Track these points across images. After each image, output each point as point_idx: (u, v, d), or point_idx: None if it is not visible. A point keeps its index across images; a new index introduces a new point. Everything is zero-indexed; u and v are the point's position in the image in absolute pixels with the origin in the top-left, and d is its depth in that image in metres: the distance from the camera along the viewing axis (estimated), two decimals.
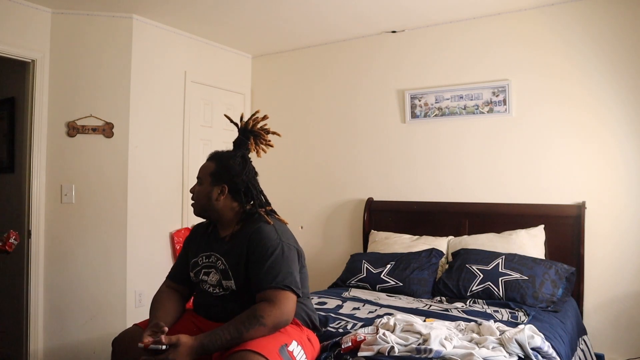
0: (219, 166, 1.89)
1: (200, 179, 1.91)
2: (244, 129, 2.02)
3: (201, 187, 1.90)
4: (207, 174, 1.89)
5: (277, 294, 1.65)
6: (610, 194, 2.95)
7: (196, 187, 1.92)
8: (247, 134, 2.01)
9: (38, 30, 3.17)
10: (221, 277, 1.81)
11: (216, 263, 1.84)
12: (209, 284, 1.85)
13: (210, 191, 1.87)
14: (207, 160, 1.95)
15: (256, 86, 4.37)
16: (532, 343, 1.76)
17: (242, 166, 1.91)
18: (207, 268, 1.86)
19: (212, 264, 1.86)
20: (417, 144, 3.59)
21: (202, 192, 1.89)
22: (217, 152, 1.96)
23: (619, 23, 2.93)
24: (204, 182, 1.89)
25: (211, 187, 1.87)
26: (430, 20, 3.44)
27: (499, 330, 1.86)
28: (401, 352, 1.70)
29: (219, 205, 1.87)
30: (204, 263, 1.89)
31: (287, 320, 1.66)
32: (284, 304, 1.64)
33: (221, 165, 1.89)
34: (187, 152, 3.74)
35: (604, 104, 2.97)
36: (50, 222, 3.22)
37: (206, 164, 1.93)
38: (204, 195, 1.88)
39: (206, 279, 1.86)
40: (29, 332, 3.12)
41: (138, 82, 3.37)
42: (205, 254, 1.90)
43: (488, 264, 2.81)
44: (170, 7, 3.25)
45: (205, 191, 1.88)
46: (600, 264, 2.95)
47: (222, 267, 1.82)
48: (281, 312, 1.62)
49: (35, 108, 3.16)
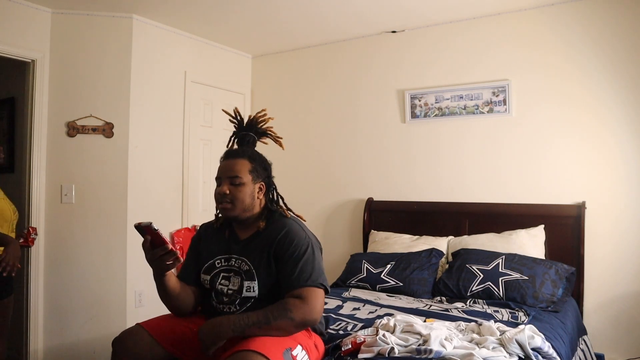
0: (256, 163, 1.83)
1: (240, 179, 1.78)
2: (250, 126, 1.97)
3: (244, 187, 1.78)
4: (246, 172, 1.80)
5: (308, 291, 1.65)
6: (610, 194, 2.95)
7: (233, 188, 1.78)
8: (256, 132, 1.97)
9: (38, 30, 3.17)
10: (244, 278, 1.76)
11: (239, 265, 1.79)
12: (226, 295, 1.78)
13: (253, 191, 1.80)
14: (232, 159, 1.83)
15: (256, 86, 4.37)
16: (532, 343, 1.76)
17: (269, 163, 1.90)
18: (227, 272, 1.80)
19: (232, 267, 1.80)
20: (417, 144, 3.59)
21: (246, 192, 1.78)
22: (238, 151, 1.88)
23: (619, 23, 2.93)
24: (245, 181, 1.79)
25: (253, 185, 1.81)
26: (430, 20, 3.44)
27: (499, 331, 1.86)
28: (401, 352, 1.70)
29: (257, 204, 1.82)
30: (222, 266, 1.82)
31: (316, 319, 1.65)
32: (315, 301, 1.64)
33: (258, 163, 1.84)
34: (187, 152, 3.74)
35: (604, 104, 2.97)
36: (50, 222, 3.22)
37: (238, 163, 1.81)
38: (250, 195, 1.79)
39: (226, 285, 1.79)
40: (29, 332, 3.12)
41: (138, 82, 3.37)
42: (223, 256, 1.84)
43: (488, 264, 2.81)
44: (170, 7, 3.25)
45: (249, 191, 1.79)
46: (600, 264, 2.95)
47: (246, 268, 1.77)
48: (310, 309, 1.62)
49: (35, 108, 3.15)
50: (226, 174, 1.80)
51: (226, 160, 1.85)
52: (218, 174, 1.84)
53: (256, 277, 1.74)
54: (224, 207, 1.79)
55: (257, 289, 1.74)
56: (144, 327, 1.76)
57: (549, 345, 1.82)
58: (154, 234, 1.60)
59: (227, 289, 1.78)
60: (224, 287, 1.79)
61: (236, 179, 1.78)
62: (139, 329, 1.76)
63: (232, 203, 1.78)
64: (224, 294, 1.79)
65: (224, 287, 1.79)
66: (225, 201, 1.78)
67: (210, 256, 1.87)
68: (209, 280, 1.84)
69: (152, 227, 1.57)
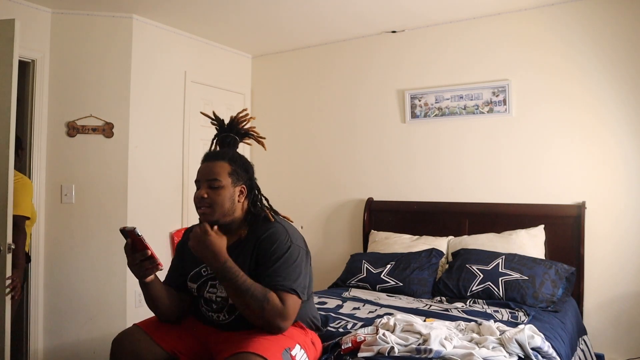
0: (237, 166, 1.77)
1: (219, 182, 1.72)
2: (231, 127, 1.92)
3: (223, 190, 1.72)
4: (225, 175, 1.73)
5: (284, 296, 1.61)
6: (610, 194, 2.95)
7: (212, 192, 1.72)
8: (238, 133, 1.93)
9: (38, 30, 3.17)
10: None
11: None
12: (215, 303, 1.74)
13: (233, 193, 1.74)
14: (212, 161, 1.77)
15: (256, 86, 4.37)
16: (532, 343, 1.76)
17: (251, 165, 1.85)
18: (213, 279, 1.75)
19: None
20: (417, 144, 3.59)
21: (226, 195, 1.72)
22: (219, 153, 1.83)
23: (619, 23, 2.93)
24: (225, 185, 1.72)
25: (233, 188, 1.74)
26: (430, 20, 3.44)
27: (499, 330, 1.86)
28: (401, 352, 1.70)
29: (239, 208, 1.76)
30: (208, 274, 1.77)
31: (283, 325, 1.60)
32: (289, 308, 1.61)
33: (238, 165, 1.78)
34: (187, 152, 3.74)
35: (604, 103, 2.97)
36: (50, 222, 3.22)
37: (218, 165, 1.75)
38: (229, 199, 1.73)
39: (214, 292, 1.74)
40: (29, 332, 3.12)
41: (138, 82, 3.37)
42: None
43: (488, 264, 2.81)
44: (170, 7, 3.25)
45: (228, 194, 1.72)
46: (600, 264, 2.95)
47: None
48: (282, 314, 1.59)
49: (35, 108, 3.15)
50: (205, 177, 1.74)
51: (205, 162, 1.78)
52: (197, 177, 1.77)
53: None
54: (203, 211, 1.72)
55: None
56: (141, 327, 1.75)
57: (548, 345, 1.82)
58: (136, 239, 1.60)
59: (215, 296, 1.74)
60: (212, 294, 1.75)
61: (214, 182, 1.72)
62: (136, 329, 1.74)
63: (211, 207, 1.71)
64: (212, 301, 1.75)
65: (212, 295, 1.75)
66: (204, 205, 1.72)
67: (194, 264, 1.81)
68: (195, 288, 1.80)
69: (136, 232, 1.57)
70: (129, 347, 1.69)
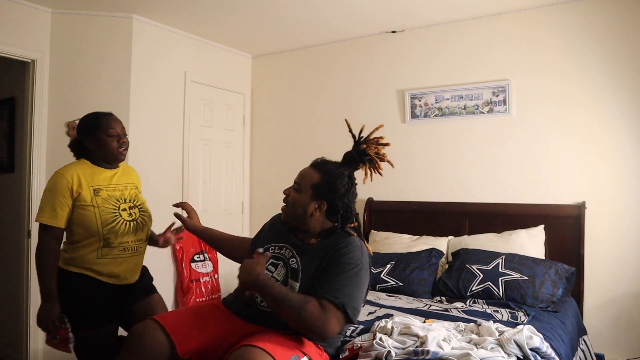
0: (324, 181, 1.75)
1: (300, 187, 1.77)
2: (358, 144, 1.90)
3: (299, 196, 1.76)
4: (308, 184, 1.75)
5: (330, 307, 1.56)
6: (610, 194, 2.95)
7: (293, 192, 1.78)
8: (361, 153, 1.88)
9: (38, 30, 3.17)
10: (289, 274, 1.72)
11: (289, 258, 1.75)
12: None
13: (307, 204, 1.75)
14: (310, 167, 1.80)
15: (256, 86, 4.37)
16: (530, 344, 1.76)
17: (348, 188, 1.77)
18: (276, 259, 1.77)
19: (283, 256, 1.77)
20: (417, 144, 3.59)
21: (299, 202, 1.76)
22: (324, 162, 1.82)
23: (619, 23, 2.93)
24: (303, 192, 1.75)
25: (310, 200, 1.74)
26: (430, 20, 3.44)
27: (497, 331, 1.86)
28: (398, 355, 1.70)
29: (312, 221, 1.76)
30: (274, 253, 1.79)
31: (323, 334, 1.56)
32: (331, 320, 1.55)
33: (326, 181, 1.75)
34: (187, 152, 3.74)
35: (604, 103, 2.97)
36: None
37: (309, 172, 1.78)
38: (300, 206, 1.75)
39: (271, 271, 1.74)
40: (29, 332, 3.12)
41: (138, 82, 3.37)
42: (277, 244, 1.80)
43: (488, 264, 2.81)
44: (170, 7, 3.25)
45: (302, 202, 1.75)
46: (600, 264, 2.95)
47: (294, 266, 1.72)
48: (323, 323, 1.54)
49: (35, 108, 3.16)
50: (297, 177, 1.82)
51: (308, 166, 1.84)
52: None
53: (299, 280, 1.69)
54: (283, 207, 1.84)
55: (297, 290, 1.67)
56: (162, 324, 1.66)
57: (547, 345, 1.82)
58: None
59: (271, 275, 1.74)
60: (269, 272, 1.75)
61: (296, 184, 1.80)
62: (155, 325, 1.66)
63: (287, 206, 1.81)
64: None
65: (269, 273, 1.74)
66: (284, 202, 1.83)
67: (267, 241, 1.86)
68: None
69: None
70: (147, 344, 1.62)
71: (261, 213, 4.29)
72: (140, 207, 2.16)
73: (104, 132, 2.04)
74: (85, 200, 1.97)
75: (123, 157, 2.11)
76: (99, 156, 2.08)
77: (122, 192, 2.11)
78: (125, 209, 2.07)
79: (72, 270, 1.99)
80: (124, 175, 2.16)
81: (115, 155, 2.07)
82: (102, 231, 1.98)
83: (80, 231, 1.99)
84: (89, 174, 2.03)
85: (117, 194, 2.08)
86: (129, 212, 2.08)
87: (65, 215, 1.97)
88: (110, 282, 2.03)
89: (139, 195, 2.20)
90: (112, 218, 2.01)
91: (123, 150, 2.09)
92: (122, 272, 2.06)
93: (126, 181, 2.16)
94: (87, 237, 1.99)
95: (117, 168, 2.15)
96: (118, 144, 2.06)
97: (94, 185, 2.02)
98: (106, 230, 1.99)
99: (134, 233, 2.08)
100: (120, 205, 2.06)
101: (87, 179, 2.01)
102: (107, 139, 2.04)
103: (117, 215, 2.03)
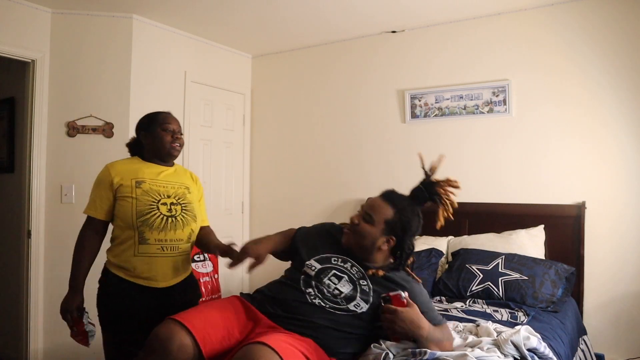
0: (398, 218, 1.75)
1: (372, 219, 1.75)
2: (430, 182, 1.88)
3: (370, 229, 1.75)
4: (382, 218, 1.75)
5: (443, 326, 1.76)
6: (610, 194, 2.95)
7: (364, 223, 1.76)
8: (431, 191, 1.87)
9: (38, 30, 3.17)
10: (357, 293, 1.71)
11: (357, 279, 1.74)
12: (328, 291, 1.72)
13: (377, 238, 1.75)
14: (383, 199, 1.79)
15: (256, 86, 4.37)
16: (527, 344, 1.75)
17: (417, 227, 1.81)
18: (340, 272, 1.75)
19: (348, 272, 1.76)
20: (417, 144, 3.59)
21: (370, 234, 1.75)
22: (396, 197, 1.81)
23: (619, 23, 2.93)
24: (376, 225, 1.75)
25: (381, 234, 1.74)
26: (430, 20, 3.44)
27: (496, 332, 1.86)
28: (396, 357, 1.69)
29: (377, 253, 1.77)
30: (337, 265, 1.77)
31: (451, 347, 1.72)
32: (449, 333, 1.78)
33: (400, 219, 1.75)
34: (187, 152, 3.74)
35: (604, 103, 2.97)
36: (50, 222, 3.22)
37: (382, 205, 1.77)
38: (370, 238, 1.75)
39: (334, 283, 1.73)
40: (29, 332, 3.12)
41: (138, 82, 3.37)
42: (340, 256, 1.80)
43: (488, 264, 2.81)
44: (170, 7, 3.25)
45: (373, 235, 1.75)
46: (600, 264, 2.95)
47: (365, 288, 1.73)
48: (449, 338, 1.74)
49: (35, 108, 3.16)
50: (367, 207, 1.80)
51: (380, 196, 1.82)
52: (365, 202, 1.85)
53: (370, 302, 1.71)
54: (346, 232, 1.80)
55: (364, 311, 1.70)
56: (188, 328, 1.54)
57: (545, 345, 1.81)
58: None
59: (334, 287, 1.73)
60: (331, 283, 1.74)
61: (368, 216, 1.76)
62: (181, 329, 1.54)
63: (352, 232, 1.78)
64: (328, 288, 1.73)
65: (331, 284, 1.73)
66: (350, 228, 1.79)
67: (322, 248, 1.83)
68: (318, 269, 1.78)
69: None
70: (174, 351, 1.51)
71: (261, 213, 4.30)
72: (185, 205, 2.03)
73: (160, 125, 2.03)
74: (125, 192, 1.95)
75: (176, 153, 2.06)
76: (152, 152, 2.05)
77: (166, 188, 2.02)
78: (166, 204, 1.98)
79: (112, 271, 1.97)
80: (175, 175, 2.10)
81: (167, 149, 2.03)
82: (136, 222, 1.92)
83: (119, 223, 1.98)
84: (135, 168, 2.02)
85: (161, 189, 2.00)
86: (169, 208, 1.98)
87: (104, 208, 1.98)
88: (147, 284, 1.94)
89: (188, 196, 2.07)
90: (148, 210, 1.93)
91: (177, 145, 2.04)
92: (159, 272, 1.96)
93: (176, 180, 2.08)
94: (124, 229, 1.96)
95: (169, 166, 2.09)
96: (172, 139, 2.03)
97: (137, 178, 1.98)
98: (140, 222, 1.92)
99: (172, 230, 1.97)
100: (161, 199, 1.97)
101: (131, 173, 1.99)
102: (162, 132, 2.02)
103: (154, 207, 1.94)
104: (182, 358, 1.52)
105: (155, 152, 2.06)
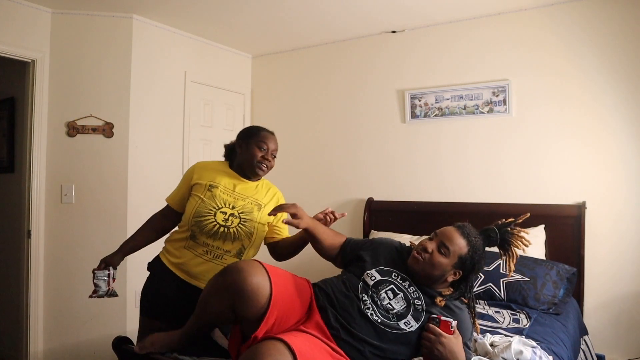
0: (471, 256, 1.75)
1: (448, 252, 1.74)
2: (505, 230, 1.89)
3: (443, 260, 1.73)
4: (457, 253, 1.74)
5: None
6: (610, 194, 2.95)
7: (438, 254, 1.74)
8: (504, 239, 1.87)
9: (38, 30, 3.17)
10: (410, 311, 1.70)
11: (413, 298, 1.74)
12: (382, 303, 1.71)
13: (447, 270, 1.74)
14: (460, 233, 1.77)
15: (256, 86, 4.37)
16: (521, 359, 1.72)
17: (483, 266, 1.85)
18: (398, 289, 1.75)
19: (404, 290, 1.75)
20: (417, 144, 3.59)
21: (441, 265, 1.74)
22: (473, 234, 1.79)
23: (619, 23, 2.93)
24: (449, 258, 1.74)
25: (452, 267, 1.74)
26: (431, 20, 3.44)
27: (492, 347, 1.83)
28: None
29: (441, 282, 1.77)
30: (396, 282, 1.77)
31: None
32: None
33: (472, 257, 1.75)
34: (187, 152, 3.74)
35: (604, 104, 2.97)
36: (50, 222, 3.21)
37: (459, 240, 1.75)
38: (440, 270, 1.74)
39: (389, 298, 1.72)
40: (29, 332, 3.12)
41: (138, 82, 3.37)
42: (400, 273, 1.79)
43: (489, 264, 2.80)
44: (170, 7, 3.24)
45: (444, 267, 1.74)
46: (600, 264, 2.95)
47: (418, 308, 1.72)
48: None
49: (35, 108, 3.15)
50: (442, 237, 1.78)
51: (456, 229, 1.80)
52: (440, 231, 1.81)
53: (421, 321, 1.69)
54: (415, 256, 1.78)
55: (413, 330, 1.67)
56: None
57: (540, 355, 1.79)
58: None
59: (388, 302, 1.72)
60: (386, 297, 1.73)
61: (444, 248, 1.74)
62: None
63: (423, 260, 1.75)
64: (381, 301, 1.72)
65: (387, 298, 1.73)
66: (421, 253, 1.76)
67: (385, 262, 1.84)
68: (377, 280, 1.77)
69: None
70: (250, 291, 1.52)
71: None
72: (244, 220, 2.03)
73: (256, 141, 2.06)
74: (197, 191, 2.04)
75: (261, 173, 2.08)
76: (240, 163, 2.09)
77: (235, 199, 2.04)
78: (225, 213, 2.00)
79: (162, 258, 2.09)
80: (252, 189, 2.11)
81: (253, 167, 2.05)
82: (190, 220, 2.01)
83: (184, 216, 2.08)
84: (218, 172, 2.08)
85: (229, 199, 2.03)
86: (227, 217, 2.00)
87: (177, 198, 2.14)
88: (187, 280, 2.02)
89: (255, 213, 2.06)
90: (205, 213, 1.99)
91: (263, 166, 2.06)
92: (199, 273, 2.01)
93: (250, 194, 2.09)
94: (184, 223, 2.06)
95: (251, 182, 2.11)
96: (261, 158, 2.05)
97: (213, 182, 2.04)
98: (194, 221, 2.00)
99: (221, 239, 2.00)
100: (223, 207, 2.01)
101: (211, 175, 2.06)
102: (255, 148, 2.05)
103: (212, 214, 1.99)
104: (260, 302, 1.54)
105: (241, 164, 2.10)
